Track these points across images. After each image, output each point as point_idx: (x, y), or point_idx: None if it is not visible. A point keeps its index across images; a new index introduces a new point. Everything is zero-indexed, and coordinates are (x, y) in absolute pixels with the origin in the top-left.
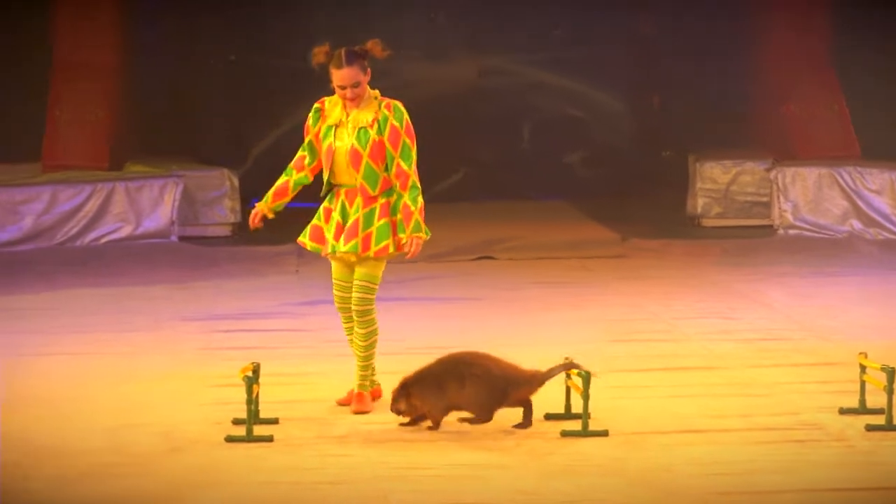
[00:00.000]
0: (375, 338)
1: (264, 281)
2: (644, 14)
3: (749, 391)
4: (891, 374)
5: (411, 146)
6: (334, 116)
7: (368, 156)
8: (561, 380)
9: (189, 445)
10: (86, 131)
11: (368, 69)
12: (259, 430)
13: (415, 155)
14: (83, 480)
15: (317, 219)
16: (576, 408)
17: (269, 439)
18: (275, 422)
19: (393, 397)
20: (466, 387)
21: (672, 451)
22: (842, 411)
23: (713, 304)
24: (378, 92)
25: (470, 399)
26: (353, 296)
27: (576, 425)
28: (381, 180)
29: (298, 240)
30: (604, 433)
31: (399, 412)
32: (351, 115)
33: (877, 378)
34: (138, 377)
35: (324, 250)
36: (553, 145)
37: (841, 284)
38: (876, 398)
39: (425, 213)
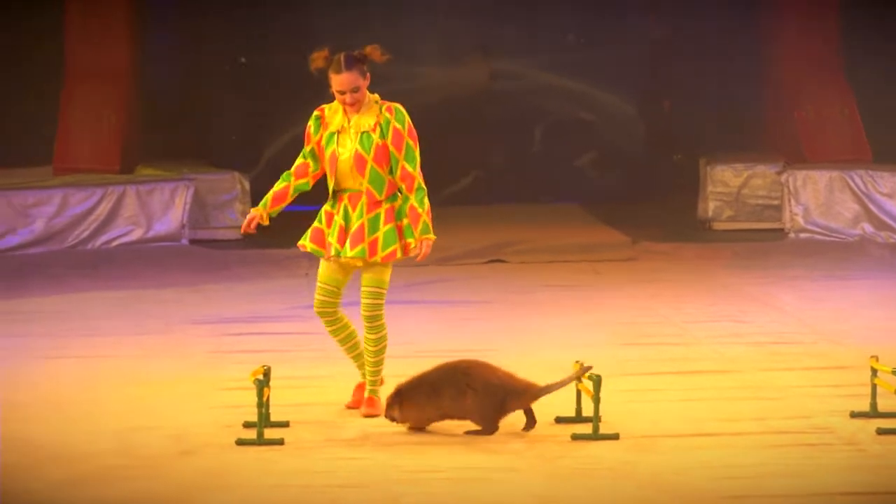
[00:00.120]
0: (385, 343)
1: (275, 284)
2: (655, 18)
3: (760, 395)
4: None
5: (415, 148)
6: (336, 123)
7: (373, 160)
8: (571, 383)
9: (199, 448)
10: (97, 134)
11: (368, 73)
12: (269, 433)
13: (419, 156)
14: (93, 483)
15: (318, 221)
16: (586, 411)
17: (280, 442)
18: (285, 425)
19: (387, 404)
20: (465, 398)
21: (683, 454)
22: (853, 415)
23: (724, 308)
24: (378, 96)
25: (470, 411)
26: (361, 302)
27: (587, 428)
28: (387, 184)
29: (299, 243)
30: (615, 436)
31: (392, 419)
32: (352, 121)
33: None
34: (148, 380)
35: (326, 253)
36: (564, 149)
37: (852, 288)
38: (887, 401)
39: (432, 216)
